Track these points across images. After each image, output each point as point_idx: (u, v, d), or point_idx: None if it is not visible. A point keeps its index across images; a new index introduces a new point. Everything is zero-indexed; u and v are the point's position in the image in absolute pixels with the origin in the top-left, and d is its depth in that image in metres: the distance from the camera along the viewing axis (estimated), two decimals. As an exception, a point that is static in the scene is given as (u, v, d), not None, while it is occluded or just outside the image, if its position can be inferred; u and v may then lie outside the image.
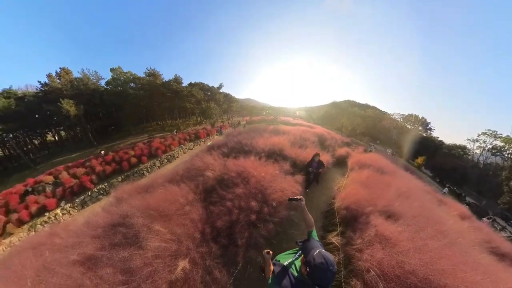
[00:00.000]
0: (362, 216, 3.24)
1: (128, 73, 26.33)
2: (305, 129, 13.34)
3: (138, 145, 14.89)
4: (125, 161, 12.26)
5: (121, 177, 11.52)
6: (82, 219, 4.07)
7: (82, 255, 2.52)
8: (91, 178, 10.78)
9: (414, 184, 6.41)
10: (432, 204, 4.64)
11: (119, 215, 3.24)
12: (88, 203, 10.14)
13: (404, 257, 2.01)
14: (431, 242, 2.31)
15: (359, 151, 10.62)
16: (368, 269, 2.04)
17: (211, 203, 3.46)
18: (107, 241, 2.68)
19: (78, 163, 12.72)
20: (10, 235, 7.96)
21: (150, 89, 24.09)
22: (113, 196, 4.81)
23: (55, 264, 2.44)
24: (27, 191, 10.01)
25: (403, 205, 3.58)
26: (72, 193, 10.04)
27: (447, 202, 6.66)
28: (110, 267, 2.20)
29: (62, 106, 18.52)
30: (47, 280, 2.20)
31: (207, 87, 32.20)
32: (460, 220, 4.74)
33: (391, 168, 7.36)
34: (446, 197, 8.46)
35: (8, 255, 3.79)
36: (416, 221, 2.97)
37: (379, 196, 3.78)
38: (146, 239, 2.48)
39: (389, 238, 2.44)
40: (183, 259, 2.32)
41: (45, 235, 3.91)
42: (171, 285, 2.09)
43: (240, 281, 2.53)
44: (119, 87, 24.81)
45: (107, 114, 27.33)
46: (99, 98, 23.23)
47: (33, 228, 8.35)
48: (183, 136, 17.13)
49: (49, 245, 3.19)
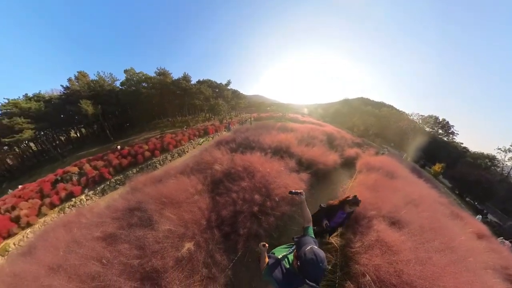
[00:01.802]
0: (364, 219, 3.19)
1: (140, 74, 27.83)
2: (314, 127, 12.95)
3: (151, 140, 15.86)
4: (140, 154, 13.29)
5: (136, 169, 12.64)
6: (104, 204, 4.64)
7: (104, 232, 2.93)
8: (109, 170, 12.14)
9: (427, 192, 6.04)
10: (444, 216, 4.36)
11: (135, 201, 3.62)
12: (107, 191, 11.50)
13: (403, 267, 1.97)
14: (436, 256, 2.21)
15: (370, 153, 10.14)
16: (364, 274, 2.04)
17: (217, 194, 3.65)
18: (125, 222, 3.06)
19: (98, 157, 14.13)
20: (44, 215, 9.57)
21: (161, 88, 25.37)
22: (129, 186, 5.32)
23: (82, 238, 2.89)
24: (57, 179, 11.90)
25: (411, 213, 3.44)
26: (94, 182, 11.55)
27: (464, 217, 6.09)
28: (127, 243, 2.55)
29: (81, 106, 20.64)
30: (75, 251, 2.64)
31: (215, 84, 32.63)
32: (476, 239, 4.31)
33: (403, 173, 6.98)
34: (464, 212, 7.71)
35: (44, 231, 4.51)
36: (423, 231, 2.86)
37: (385, 200, 3.66)
38: (158, 222, 2.77)
39: (391, 246, 2.39)
40: (189, 242, 2.57)
41: (73, 215, 4.55)
42: (177, 262, 2.34)
43: (239, 267, 2.70)
44: (133, 87, 26.47)
45: (122, 112, 29.69)
46: (115, 98, 25.45)
47: (62, 211, 9.97)
48: (193, 132, 17.87)
49: (77, 224, 3.73)
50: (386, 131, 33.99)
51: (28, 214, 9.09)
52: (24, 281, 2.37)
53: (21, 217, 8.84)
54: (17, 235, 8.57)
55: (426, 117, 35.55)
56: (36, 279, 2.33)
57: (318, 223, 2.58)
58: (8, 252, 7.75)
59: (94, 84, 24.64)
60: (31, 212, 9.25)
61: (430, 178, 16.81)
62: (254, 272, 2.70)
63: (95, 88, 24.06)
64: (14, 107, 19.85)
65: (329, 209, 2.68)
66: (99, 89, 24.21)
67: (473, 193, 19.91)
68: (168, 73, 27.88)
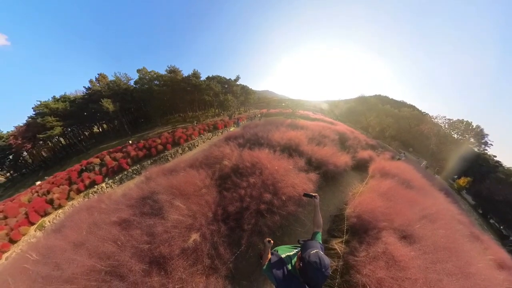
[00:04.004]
0: (373, 229, 3.08)
1: (152, 72, 29.27)
2: (326, 125, 12.44)
3: (164, 135, 16.75)
4: (153, 148, 14.26)
5: (150, 161, 13.65)
6: (120, 192, 5.06)
7: (120, 218, 3.24)
8: (127, 161, 13.34)
9: (446, 208, 5.60)
10: (462, 237, 4.00)
11: (148, 191, 3.90)
12: (125, 180, 12.77)
13: (409, 286, 1.89)
14: (448, 279, 2.07)
15: (385, 157, 9.54)
16: (365, 285, 2.01)
17: (225, 188, 3.76)
18: (138, 210, 3.34)
19: (117, 149, 15.44)
20: (72, 199, 11.31)
21: (172, 85, 26.69)
22: (144, 176, 5.72)
23: (101, 222, 3.24)
24: (82, 169, 13.50)
25: (425, 229, 3.24)
26: (113, 172, 12.95)
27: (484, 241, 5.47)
28: (139, 230, 2.79)
29: (103, 104, 22.94)
30: (95, 232, 2.98)
31: (224, 80, 33.00)
32: (496, 268, 3.87)
33: (421, 184, 6.51)
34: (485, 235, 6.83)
35: (71, 212, 5.21)
36: (436, 250, 2.69)
37: (398, 212, 3.47)
38: (168, 211, 2.97)
39: (398, 261, 2.30)
40: (195, 233, 2.73)
41: (95, 201, 5.09)
42: (183, 251, 2.52)
43: (240, 260, 2.82)
44: (145, 85, 28.16)
45: (137, 108, 32.38)
46: (130, 95, 27.75)
47: (86, 196, 11.63)
48: (203, 127, 18.44)
49: (97, 208, 4.18)
50: (405, 134, 31.03)
51: (59, 198, 10.87)
52: (55, 253, 2.80)
53: (54, 200, 10.64)
54: (51, 214, 10.31)
55: (454, 121, 30.64)
56: (63, 252, 2.74)
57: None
58: (44, 228, 9.26)
59: (112, 84, 26.94)
60: (61, 196, 11.05)
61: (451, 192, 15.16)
62: (254, 266, 2.82)
63: (113, 88, 26.43)
64: (45, 108, 22.93)
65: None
66: (116, 88, 26.51)
67: (500, 215, 17.41)
68: (178, 70, 29.06)
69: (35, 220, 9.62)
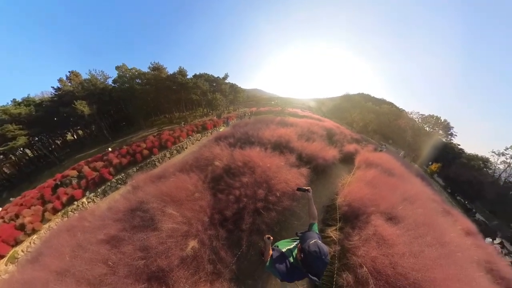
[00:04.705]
0: (363, 215, 3.31)
1: (133, 69, 26.73)
2: (314, 122, 12.91)
3: (149, 138, 15.69)
4: (138, 153, 13.21)
5: (136, 168, 12.58)
6: (105, 206, 4.58)
7: (107, 235, 2.92)
8: (109, 170, 12.03)
9: (422, 190, 6.23)
10: (436, 213, 4.55)
11: (136, 201, 3.59)
12: (109, 192, 11.49)
13: (398, 259, 2.08)
14: (428, 250, 2.35)
15: (369, 149, 10.27)
16: (361, 265, 2.16)
17: (218, 190, 3.66)
18: (127, 223, 3.05)
19: (97, 158, 13.97)
20: (48, 221, 9.68)
21: (155, 83, 24.58)
22: (130, 185, 5.29)
23: (86, 242, 2.90)
24: (57, 184, 11.83)
25: (407, 209, 3.57)
26: (94, 184, 11.51)
27: (454, 215, 6.45)
28: (131, 245, 2.55)
29: (76, 107, 19.79)
30: (81, 255, 2.65)
31: (212, 78, 31.73)
32: (464, 235, 4.61)
33: (400, 171, 7.14)
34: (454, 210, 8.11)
35: (49, 237, 4.52)
36: (417, 227, 2.99)
37: (383, 197, 3.78)
38: (161, 221, 2.77)
39: (387, 239, 2.51)
40: (193, 240, 2.59)
41: (76, 219, 4.54)
42: (182, 261, 2.37)
43: (242, 261, 2.79)
44: (126, 84, 25.50)
45: (117, 110, 29.13)
46: (108, 96, 24.02)
47: (65, 215, 10.01)
48: (191, 127, 17.65)
49: (80, 228, 3.73)
50: (385, 128, 34.11)
51: (32, 221, 9.27)
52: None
53: (25, 224, 9.04)
54: (24, 242, 8.77)
55: (426, 116, 35.40)
56: (45, 285, 2.35)
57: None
58: (18, 259, 7.92)
59: (87, 83, 23.59)
60: (35, 219, 9.41)
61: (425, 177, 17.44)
62: (257, 264, 2.82)
63: (89, 88, 23.11)
64: (3, 114, 19.02)
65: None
66: (92, 88, 23.23)
67: (464, 193, 20.97)
68: (162, 68, 27.02)
69: (4, 251, 8.15)
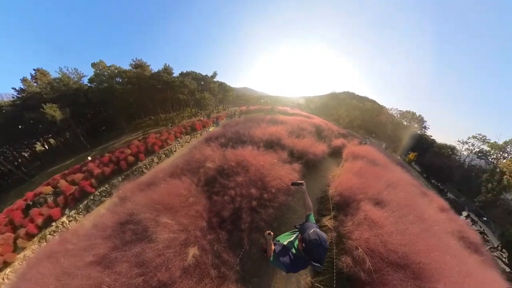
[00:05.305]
0: (353, 202, 3.55)
1: (112, 67, 24.27)
2: (303, 119, 13.33)
3: (134, 143, 14.73)
4: (123, 160, 12.19)
5: (121, 177, 11.56)
6: (90, 223, 4.12)
7: (97, 255, 2.62)
8: (91, 182, 10.78)
9: (402, 177, 6.85)
10: (416, 195, 5.07)
11: (125, 214, 3.30)
12: (92, 207, 10.30)
13: (387, 238, 2.29)
14: (412, 227, 2.63)
15: (354, 143, 10.92)
16: (357, 247, 2.33)
17: (213, 192, 3.58)
18: (118, 239, 2.77)
19: (75, 169, 12.61)
20: (23, 249, 8.30)
21: (138, 82, 22.72)
22: (117, 196, 4.85)
23: (72, 268, 2.52)
24: (29, 205, 10.18)
25: (391, 194, 3.91)
26: (75, 199, 10.12)
27: (430, 195, 7.29)
28: (126, 263, 2.31)
29: (46, 111, 16.87)
30: (68, 284, 2.30)
31: (200, 76, 30.45)
32: (439, 212, 5.35)
33: (383, 161, 7.73)
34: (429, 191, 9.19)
35: (26, 268, 3.90)
36: (401, 208, 3.30)
37: (370, 185, 4.09)
38: (155, 232, 2.58)
39: (376, 222, 2.74)
40: (192, 247, 2.47)
41: (56, 243, 3.97)
42: (185, 271, 2.24)
43: (246, 261, 2.78)
44: (104, 83, 22.14)
45: (95, 114, 26.17)
46: (84, 97, 21.32)
47: (43, 239, 8.59)
48: (179, 129, 16.96)
49: (62, 252, 3.26)
50: (368, 123, 36.92)
51: (2, 252, 7.88)
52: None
53: None
54: None
55: (404, 112, 39.99)
56: None
57: None
58: None
59: (57, 83, 20.54)
60: (5, 249, 7.99)
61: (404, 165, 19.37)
62: (260, 261, 2.83)
63: (60, 88, 20.08)
64: None
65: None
66: (64, 89, 20.29)
67: (437, 176, 24.73)
68: (146, 65, 25.13)
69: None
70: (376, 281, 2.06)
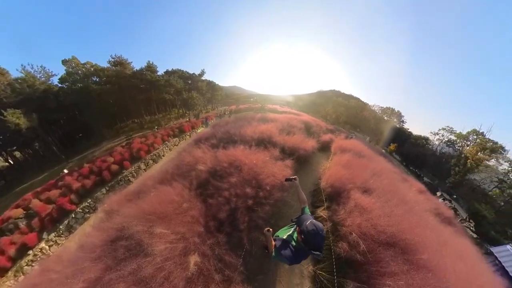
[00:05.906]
0: (344, 192, 3.76)
1: (88, 64, 21.31)
2: (292, 116, 13.67)
3: (116, 150, 13.61)
4: (105, 170, 11.07)
5: (105, 189, 10.47)
6: (74, 245, 3.67)
7: (88, 281, 2.33)
8: (70, 198, 9.49)
9: (385, 166, 7.43)
10: (398, 181, 5.57)
11: (114, 229, 3.02)
12: (75, 226, 9.11)
13: (376, 221, 2.49)
14: (396, 209, 2.91)
15: (341, 138, 11.52)
16: (351, 232, 2.50)
17: (207, 195, 3.48)
18: (110, 259, 2.52)
19: (49, 185, 11.11)
20: None
21: (118, 82, 20.43)
22: (102, 211, 4.44)
23: None
24: None
25: (376, 182, 4.23)
26: (53, 220, 8.69)
27: (409, 181, 8.12)
28: (122, 283, 2.11)
29: (7, 119, 14.12)
30: None
31: (187, 75, 28.90)
32: (418, 194, 6.13)
33: (368, 153, 8.30)
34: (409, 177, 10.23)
35: None
36: (385, 194, 3.59)
37: (357, 175, 4.37)
38: (151, 244, 2.41)
39: (365, 208, 2.96)
40: (192, 255, 2.37)
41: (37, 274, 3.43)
42: (189, 281, 2.13)
43: (248, 260, 2.77)
44: (78, 83, 19.58)
45: (69, 119, 22.63)
46: (54, 100, 18.37)
47: (19, 273, 7.23)
48: (166, 132, 16.06)
49: (45, 283, 2.83)
50: (353, 119, 39.64)
51: None
52: None
53: None
54: None
55: (385, 108, 44.55)
56: None
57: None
58: None
59: (19, 84, 17.20)
60: None
61: (386, 155, 21.23)
62: (263, 259, 2.84)
63: (23, 90, 16.87)
64: None
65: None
66: (29, 91, 17.14)
67: (414, 164, 28.62)
68: (126, 62, 22.83)
69: None
70: (370, 260, 2.25)
